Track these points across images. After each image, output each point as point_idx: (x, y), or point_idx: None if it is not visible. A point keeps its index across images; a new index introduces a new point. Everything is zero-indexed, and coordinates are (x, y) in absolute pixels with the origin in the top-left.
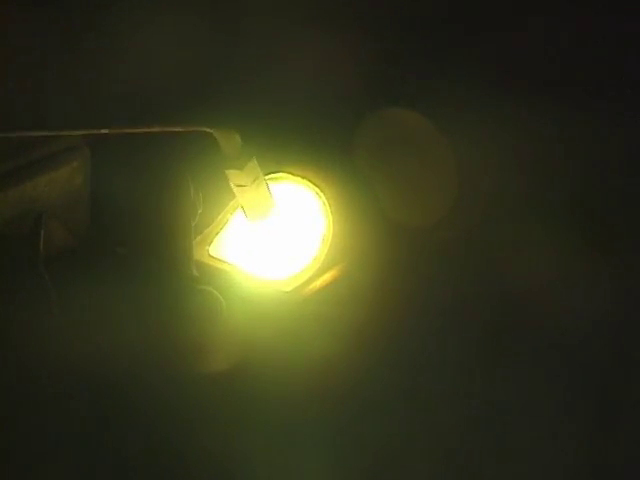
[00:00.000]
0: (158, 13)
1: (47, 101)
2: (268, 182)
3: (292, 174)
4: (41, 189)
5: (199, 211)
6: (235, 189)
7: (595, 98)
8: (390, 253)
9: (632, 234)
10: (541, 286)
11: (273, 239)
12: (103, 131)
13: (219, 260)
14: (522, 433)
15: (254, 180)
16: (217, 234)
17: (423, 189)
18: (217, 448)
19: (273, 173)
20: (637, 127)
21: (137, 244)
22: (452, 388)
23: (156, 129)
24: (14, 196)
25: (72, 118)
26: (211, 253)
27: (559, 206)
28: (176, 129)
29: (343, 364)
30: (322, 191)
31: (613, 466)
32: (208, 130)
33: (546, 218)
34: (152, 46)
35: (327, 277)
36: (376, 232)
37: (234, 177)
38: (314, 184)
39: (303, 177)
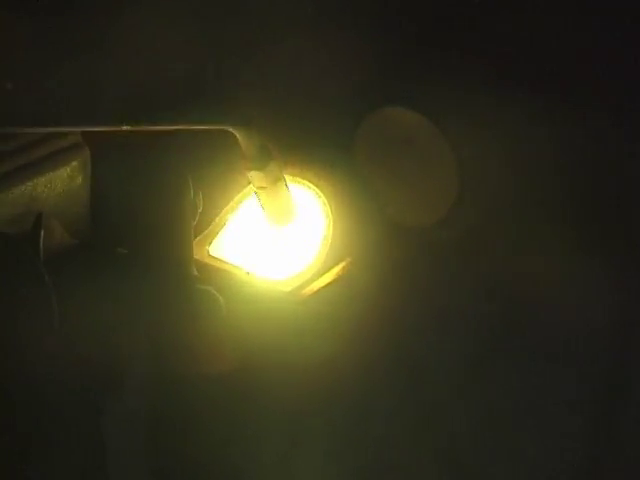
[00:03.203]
0: (156, 12)
1: (48, 99)
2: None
3: (292, 174)
4: (41, 189)
5: (199, 211)
6: (256, 191)
7: (596, 97)
8: (390, 253)
9: (633, 234)
10: (541, 286)
11: (273, 239)
12: (125, 128)
13: (219, 260)
14: (522, 433)
15: (275, 182)
16: (217, 234)
17: (423, 189)
18: (217, 447)
19: None
20: (638, 126)
21: (137, 244)
22: (452, 388)
23: (176, 127)
24: (14, 196)
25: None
26: (211, 253)
27: (559, 206)
28: (197, 127)
29: (343, 364)
30: (322, 191)
31: (613, 466)
32: (229, 129)
33: (546, 218)
34: (151, 45)
35: (327, 277)
36: (376, 232)
37: (254, 178)
38: (314, 184)
39: (303, 177)
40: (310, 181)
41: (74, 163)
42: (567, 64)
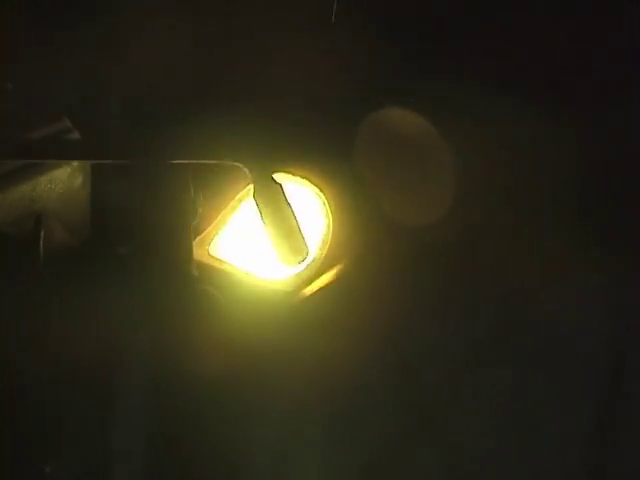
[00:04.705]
0: (152, 16)
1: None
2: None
3: (292, 174)
4: (41, 189)
5: (199, 211)
6: (264, 225)
7: (596, 98)
8: (389, 253)
9: (634, 234)
10: (541, 286)
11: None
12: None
13: (219, 260)
14: (521, 433)
15: (284, 216)
16: (217, 234)
17: (422, 189)
18: (217, 447)
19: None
20: (639, 126)
21: (137, 244)
22: (452, 388)
23: (184, 160)
24: (14, 196)
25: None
26: (211, 253)
27: (559, 206)
28: (205, 161)
29: (343, 363)
30: (322, 191)
31: (613, 466)
32: (238, 164)
33: (546, 218)
34: (150, 47)
35: (327, 277)
36: (376, 232)
37: (263, 212)
38: (314, 184)
39: (303, 177)
40: (310, 181)
41: (74, 163)
42: (568, 63)
